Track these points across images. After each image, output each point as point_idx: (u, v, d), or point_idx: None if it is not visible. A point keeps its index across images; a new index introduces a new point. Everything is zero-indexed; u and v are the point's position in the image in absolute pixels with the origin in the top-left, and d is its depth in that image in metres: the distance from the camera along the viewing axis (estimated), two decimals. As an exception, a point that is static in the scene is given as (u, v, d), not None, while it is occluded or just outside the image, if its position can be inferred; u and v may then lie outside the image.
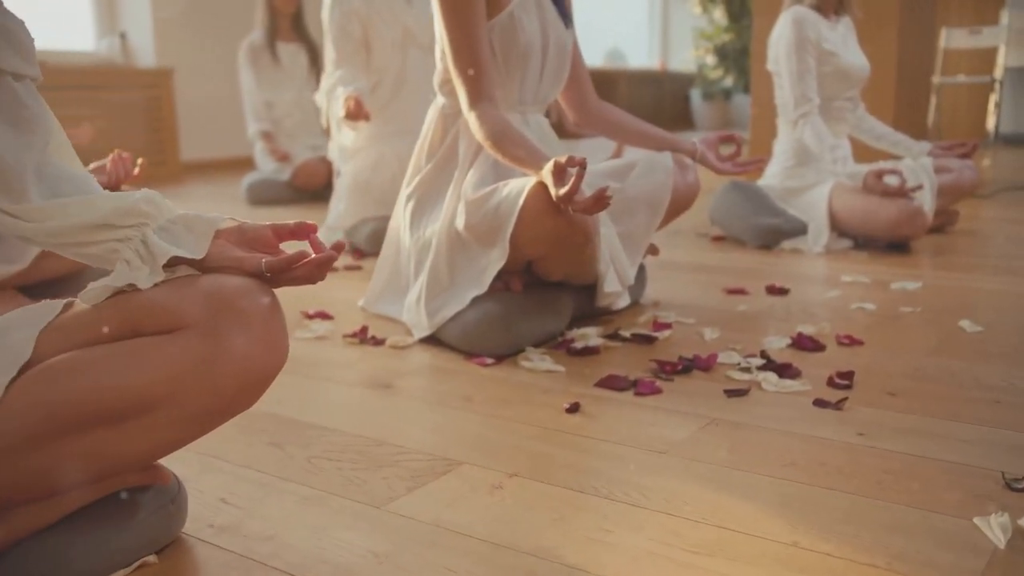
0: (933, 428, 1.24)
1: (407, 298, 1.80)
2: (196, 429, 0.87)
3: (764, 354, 1.56)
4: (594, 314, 1.86)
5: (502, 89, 1.75)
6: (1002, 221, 3.14)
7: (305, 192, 4.06)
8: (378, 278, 1.95)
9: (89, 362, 0.81)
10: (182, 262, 0.87)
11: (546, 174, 1.48)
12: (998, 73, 5.78)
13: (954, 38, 5.61)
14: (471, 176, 1.72)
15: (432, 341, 1.72)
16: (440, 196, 1.79)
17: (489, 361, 1.59)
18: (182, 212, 0.89)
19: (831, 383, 1.43)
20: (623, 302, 1.86)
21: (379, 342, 1.73)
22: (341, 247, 0.88)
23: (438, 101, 1.83)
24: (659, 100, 9.83)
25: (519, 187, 1.58)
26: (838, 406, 1.33)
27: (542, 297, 1.72)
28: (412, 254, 1.80)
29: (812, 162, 2.72)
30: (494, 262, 1.63)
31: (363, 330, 1.78)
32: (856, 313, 1.89)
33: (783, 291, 2.08)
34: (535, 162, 1.54)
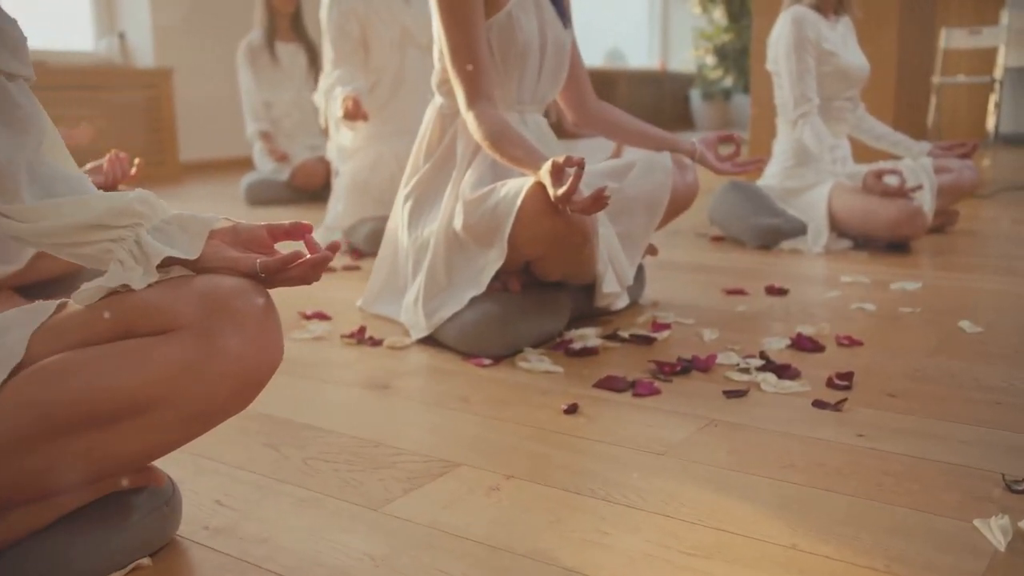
0: (933, 429, 1.23)
1: (405, 298, 1.79)
2: (191, 430, 0.87)
3: (763, 355, 1.56)
4: (593, 314, 1.86)
5: (500, 89, 1.74)
6: (1002, 221, 3.13)
7: (304, 192, 4.05)
8: (376, 278, 1.95)
9: (82, 363, 0.81)
10: (176, 262, 0.86)
11: (544, 174, 1.47)
12: (998, 73, 5.77)
13: (954, 38, 5.60)
14: (469, 176, 1.71)
15: (430, 342, 1.71)
16: (438, 196, 1.78)
17: (487, 362, 1.58)
18: (176, 212, 0.88)
19: (830, 384, 1.42)
20: (622, 302, 1.85)
21: (377, 343, 1.73)
22: (336, 247, 0.88)
23: (436, 101, 1.82)
24: (659, 100, 9.83)
25: (517, 187, 1.58)
26: (837, 407, 1.32)
27: (540, 297, 1.72)
28: (410, 254, 1.79)
29: (812, 162, 2.71)
30: (492, 262, 1.63)
31: (361, 331, 1.77)
32: (856, 313, 1.88)
33: (782, 291, 2.07)
34: (533, 162, 1.53)
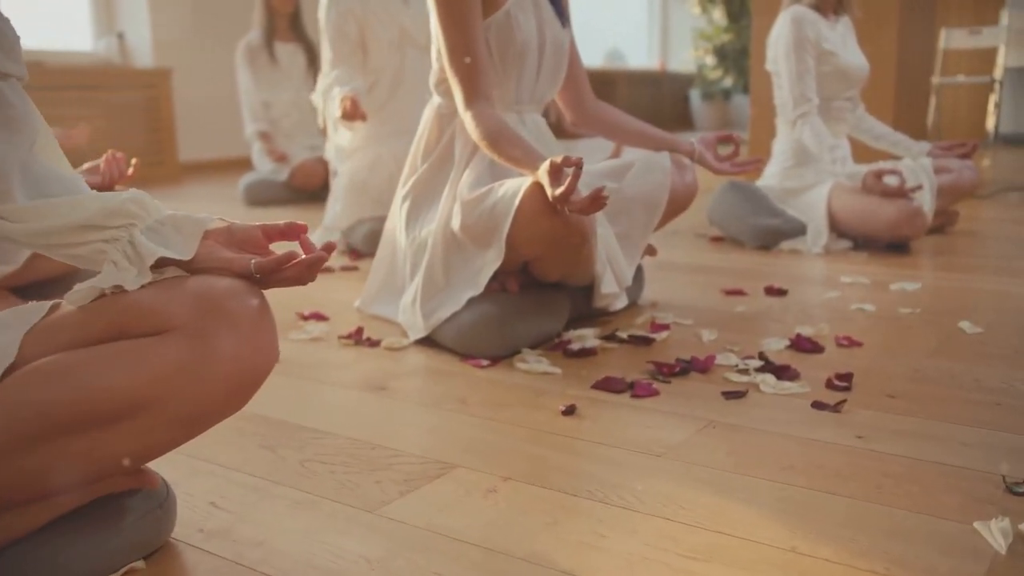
0: (933, 431, 1.23)
1: (403, 299, 1.78)
2: (184, 432, 0.86)
3: (762, 356, 1.55)
4: (591, 315, 1.85)
5: (498, 88, 1.73)
6: (1002, 222, 3.12)
7: (303, 192, 4.05)
8: (374, 279, 1.94)
9: (75, 364, 0.80)
10: (170, 263, 0.85)
11: (542, 174, 1.46)
12: (998, 73, 5.77)
13: (954, 38, 5.60)
14: (467, 176, 1.70)
15: (428, 342, 1.70)
16: (436, 196, 1.77)
17: (485, 363, 1.57)
18: (170, 212, 0.87)
19: (830, 385, 1.41)
20: (620, 303, 1.85)
21: (374, 343, 1.72)
22: (332, 248, 0.87)
23: (434, 101, 1.82)
24: (658, 100, 9.82)
25: (515, 187, 1.57)
26: (837, 408, 1.31)
27: (539, 298, 1.71)
28: (408, 255, 1.79)
29: (811, 162, 2.70)
30: (490, 263, 1.62)
31: (358, 331, 1.76)
32: (855, 314, 1.87)
33: (782, 292, 2.06)
34: (531, 162, 1.52)
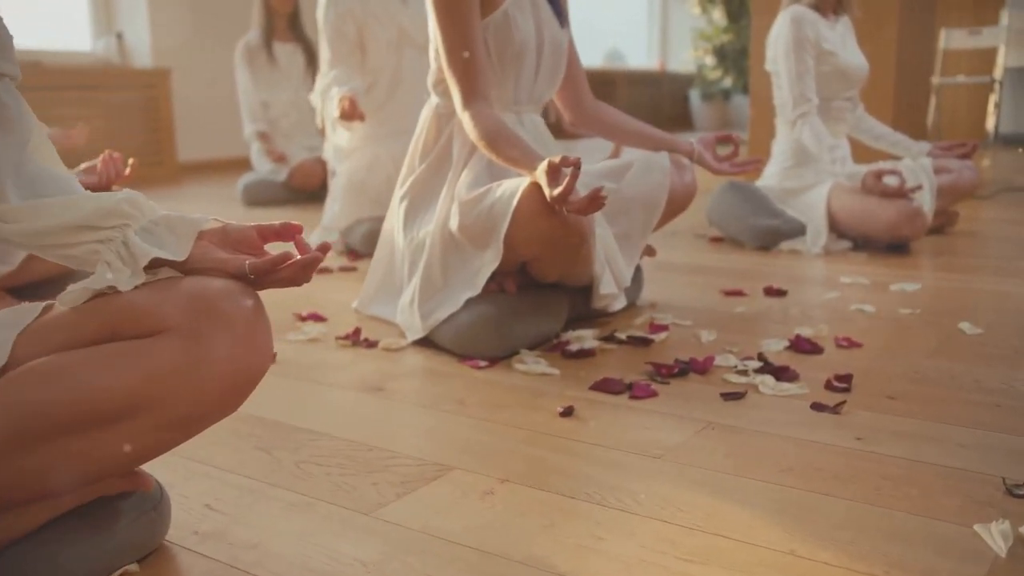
0: (933, 432, 1.22)
1: (400, 300, 1.78)
2: (178, 434, 0.85)
3: (761, 357, 1.54)
4: (590, 316, 1.84)
5: (497, 89, 1.73)
6: (1002, 222, 3.12)
7: (301, 193, 4.04)
8: (372, 280, 1.93)
9: (68, 366, 0.79)
10: (164, 264, 0.85)
11: (540, 174, 1.46)
12: (998, 73, 5.76)
13: (953, 38, 5.59)
14: (465, 176, 1.70)
15: (426, 343, 1.70)
16: (434, 197, 1.77)
17: (483, 364, 1.57)
18: (164, 213, 0.87)
19: (829, 386, 1.41)
20: (619, 304, 1.84)
21: (372, 344, 1.71)
22: (327, 248, 0.86)
23: (432, 101, 1.81)
24: (658, 101, 9.82)
25: (513, 187, 1.56)
26: (836, 410, 1.31)
27: (537, 299, 1.70)
28: (406, 255, 1.78)
29: (811, 162, 2.70)
30: (488, 263, 1.61)
31: (356, 332, 1.76)
32: (855, 315, 1.87)
33: (781, 293, 2.06)
34: (529, 162, 1.52)
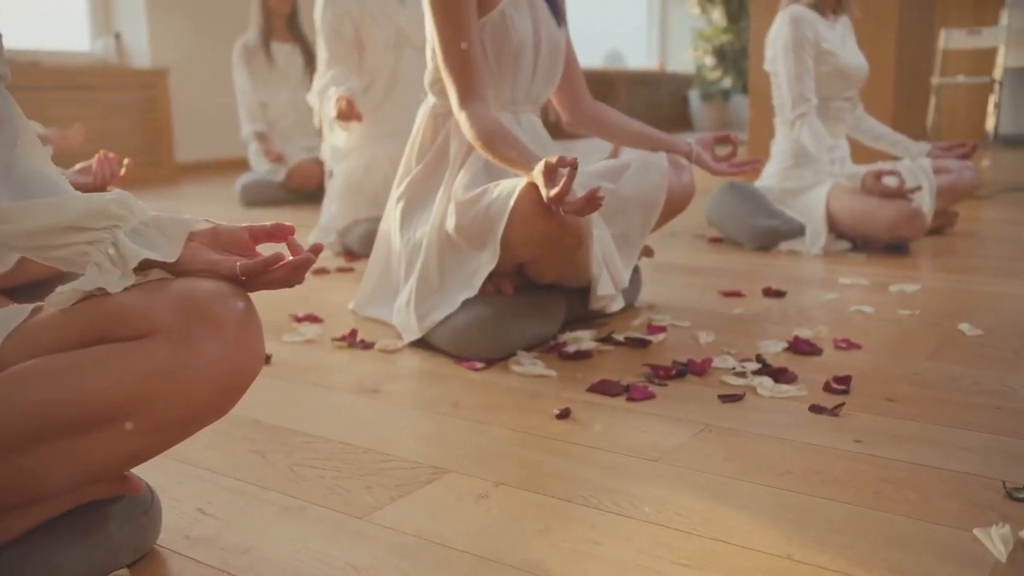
0: (932, 435, 1.21)
1: (397, 301, 1.77)
2: (168, 438, 0.84)
3: (760, 358, 1.53)
4: (587, 317, 1.83)
5: (494, 89, 1.72)
6: (1002, 222, 3.11)
7: (299, 193, 4.03)
8: (368, 280, 1.92)
9: (55, 369, 0.78)
10: (154, 265, 0.83)
11: (537, 175, 1.44)
12: (997, 74, 5.75)
13: (953, 39, 5.58)
14: (462, 177, 1.69)
15: (422, 344, 1.69)
16: (431, 197, 1.76)
17: (479, 365, 1.56)
18: (155, 214, 0.86)
19: (828, 388, 1.40)
20: (617, 305, 1.83)
21: (368, 346, 1.70)
22: (319, 249, 0.85)
23: (429, 101, 1.80)
24: (658, 101, 9.82)
25: (510, 188, 1.55)
26: (835, 412, 1.30)
27: (534, 300, 1.69)
28: (402, 256, 1.77)
29: (810, 163, 2.69)
30: (485, 264, 1.60)
31: (352, 333, 1.74)
32: (854, 316, 1.86)
33: (780, 294, 2.05)
34: (526, 162, 1.51)
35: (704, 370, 1.49)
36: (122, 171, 1.77)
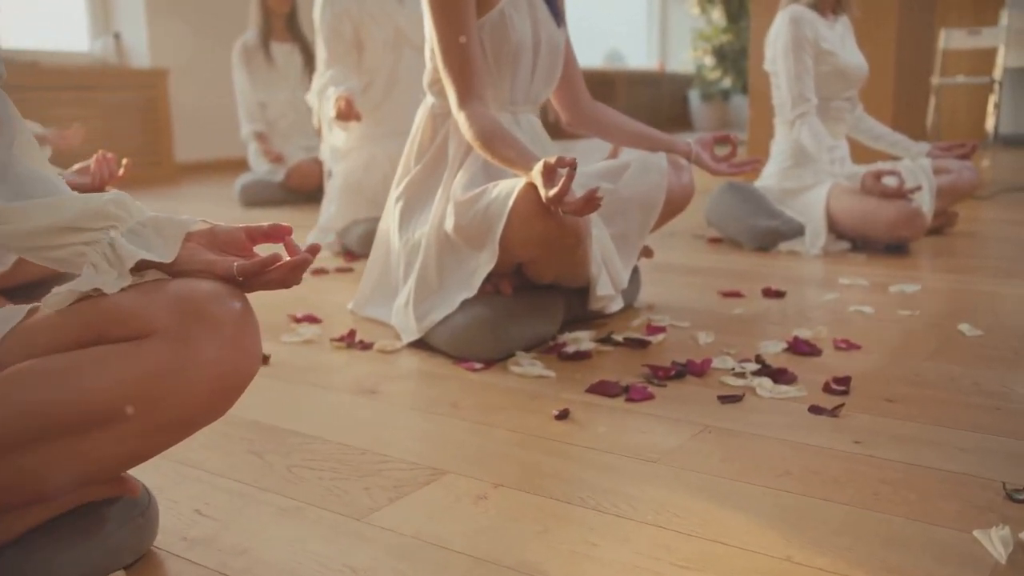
0: (932, 436, 1.21)
1: (396, 301, 1.76)
2: (164, 439, 0.84)
3: (759, 359, 1.53)
4: (586, 317, 1.83)
5: (493, 89, 1.71)
6: (1002, 223, 3.10)
7: (299, 194, 4.03)
8: (367, 281, 1.92)
9: (51, 370, 0.78)
10: (151, 266, 0.83)
11: (536, 175, 1.44)
12: (997, 74, 5.75)
13: (953, 39, 5.58)
14: (460, 177, 1.68)
15: (421, 345, 1.68)
16: (429, 197, 1.75)
17: (478, 366, 1.55)
18: (152, 214, 0.85)
19: (827, 389, 1.39)
20: (616, 305, 1.83)
21: (367, 346, 1.70)
22: (316, 250, 0.85)
23: (427, 101, 1.80)
24: (657, 101, 9.81)
25: (509, 188, 1.55)
26: (834, 413, 1.29)
27: (533, 300, 1.69)
28: (401, 256, 1.77)
29: (810, 163, 2.68)
30: (483, 264, 1.60)
31: (351, 334, 1.74)
32: (854, 316, 1.85)
33: (779, 294, 2.04)
34: (525, 163, 1.50)
35: (703, 371, 1.49)
36: (120, 171, 1.76)
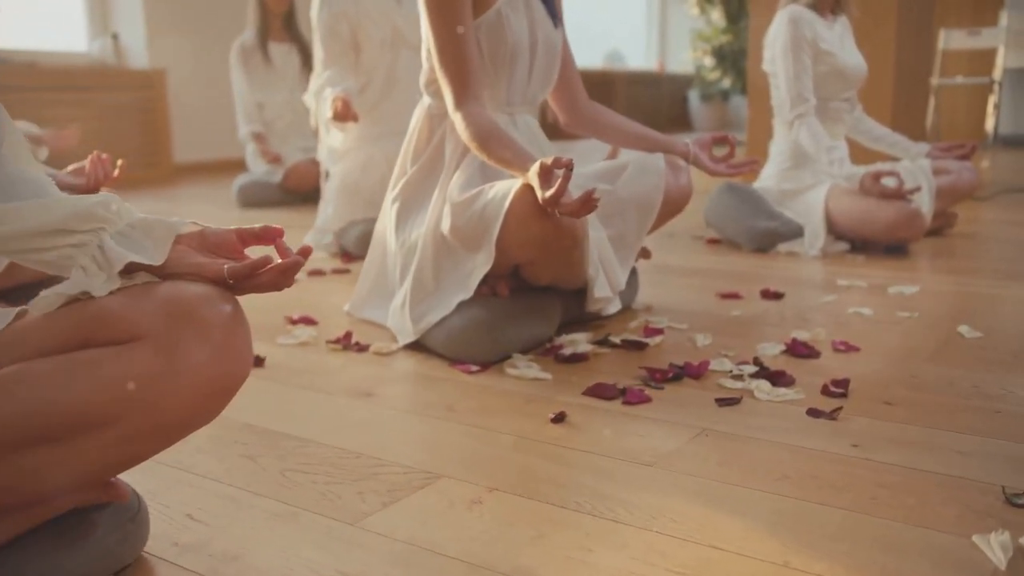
0: (930, 439, 1.20)
1: (392, 303, 1.75)
2: (155, 444, 0.83)
3: (757, 361, 1.52)
4: (584, 319, 1.82)
5: (490, 89, 1.71)
6: (1001, 224, 3.09)
7: (296, 194, 4.02)
8: (364, 282, 1.91)
9: (39, 375, 0.77)
10: (141, 268, 0.82)
11: (532, 176, 1.43)
12: (997, 74, 5.74)
13: (953, 39, 5.58)
14: (457, 178, 1.67)
15: (417, 347, 1.67)
16: (426, 199, 1.74)
17: (474, 368, 1.54)
18: (142, 216, 0.84)
19: (825, 391, 1.39)
20: (613, 307, 1.82)
21: (363, 348, 1.69)
22: (308, 252, 0.84)
23: (424, 101, 1.79)
24: (657, 101, 9.81)
25: (505, 189, 1.54)
26: (832, 416, 1.28)
27: (530, 302, 1.68)
28: (398, 258, 1.76)
29: (808, 164, 2.68)
30: (480, 266, 1.59)
31: (347, 336, 1.73)
32: (852, 318, 1.85)
33: (778, 295, 2.03)
34: (522, 163, 1.49)
35: (701, 373, 1.48)
36: (115, 172, 1.76)
